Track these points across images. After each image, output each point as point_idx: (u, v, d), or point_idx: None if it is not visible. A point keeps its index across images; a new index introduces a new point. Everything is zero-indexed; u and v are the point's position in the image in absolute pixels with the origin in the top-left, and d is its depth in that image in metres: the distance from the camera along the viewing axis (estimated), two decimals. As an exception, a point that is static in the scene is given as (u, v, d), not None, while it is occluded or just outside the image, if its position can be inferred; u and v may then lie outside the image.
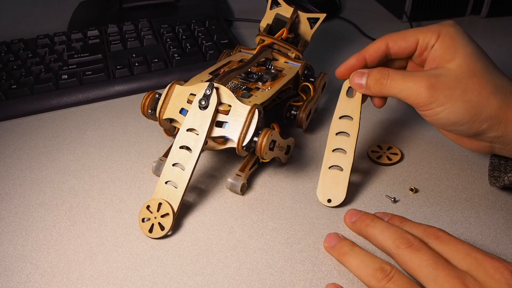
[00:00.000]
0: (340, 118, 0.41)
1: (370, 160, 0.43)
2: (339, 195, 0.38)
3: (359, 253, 0.33)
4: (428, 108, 0.36)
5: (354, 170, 0.42)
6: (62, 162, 0.45)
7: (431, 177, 0.41)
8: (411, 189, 0.40)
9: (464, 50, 0.35)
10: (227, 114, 0.37)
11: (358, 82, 0.39)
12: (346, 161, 0.39)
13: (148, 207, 0.37)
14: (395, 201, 0.39)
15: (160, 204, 0.37)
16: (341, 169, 0.39)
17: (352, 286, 0.32)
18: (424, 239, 0.32)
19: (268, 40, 0.48)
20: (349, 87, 0.41)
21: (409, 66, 0.41)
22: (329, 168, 0.39)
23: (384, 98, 0.41)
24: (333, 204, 0.38)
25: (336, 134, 0.40)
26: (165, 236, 0.36)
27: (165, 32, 0.63)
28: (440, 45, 0.37)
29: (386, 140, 0.46)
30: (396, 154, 0.44)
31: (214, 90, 0.37)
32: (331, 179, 0.39)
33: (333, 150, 0.40)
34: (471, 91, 0.34)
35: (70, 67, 0.56)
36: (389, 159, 0.43)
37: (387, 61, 0.41)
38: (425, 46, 0.38)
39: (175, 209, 0.37)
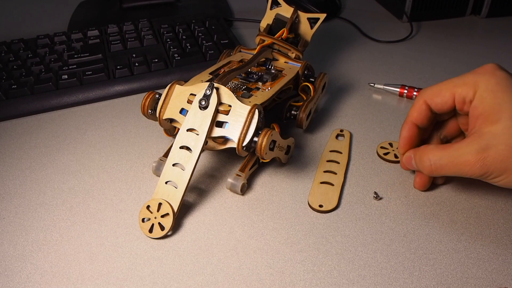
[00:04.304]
0: (330, 151, 0.44)
1: (377, 155, 0.44)
2: (331, 202, 0.39)
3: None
4: (484, 180, 0.33)
5: (355, 169, 0.43)
6: (62, 162, 0.45)
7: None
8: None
9: (510, 108, 0.31)
10: (227, 114, 0.37)
11: (410, 166, 0.38)
12: (337, 180, 0.41)
13: (148, 207, 0.37)
14: (378, 197, 0.39)
15: (160, 204, 0.37)
16: (332, 185, 0.40)
17: (353, 286, 0.32)
18: None
19: (268, 40, 0.48)
20: (337, 134, 0.46)
21: (461, 123, 0.39)
22: (320, 183, 0.40)
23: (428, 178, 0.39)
24: (324, 209, 0.38)
25: (327, 161, 0.43)
26: (165, 236, 0.36)
27: (165, 32, 0.63)
28: (480, 101, 0.33)
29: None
30: None
31: (214, 90, 0.37)
32: (323, 191, 0.40)
33: (324, 171, 0.42)
34: None
35: (70, 67, 0.56)
36: (396, 156, 0.43)
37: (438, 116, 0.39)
38: (462, 101, 0.34)
39: (175, 209, 0.37)
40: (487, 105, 0.32)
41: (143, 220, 0.37)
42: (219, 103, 0.37)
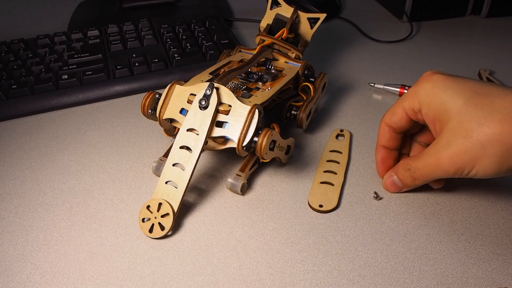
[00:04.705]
0: (330, 151, 0.44)
1: None
2: (331, 202, 0.39)
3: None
4: (462, 176, 0.34)
5: (355, 169, 0.43)
6: (62, 162, 0.45)
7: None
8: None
9: (455, 104, 0.33)
10: (227, 114, 0.37)
11: (393, 186, 0.39)
12: (337, 180, 0.41)
13: (148, 207, 0.37)
14: (378, 197, 0.39)
15: (160, 204, 0.37)
16: (332, 185, 0.40)
17: (353, 286, 0.32)
18: None
19: (268, 40, 0.48)
20: (338, 134, 0.46)
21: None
22: (320, 183, 0.40)
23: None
24: (324, 208, 0.38)
25: (327, 161, 0.43)
26: (165, 236, 0.36)
27: (165, 32, 0.63)
28: (427, 107, 0.34)
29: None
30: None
31: (214, 90, 0.37)
32: (323, 191, 0.40)
33: (324, 171, 0.42)
34: (489, 142, 0.31)
35: (70, 67, 0.56)
36: None
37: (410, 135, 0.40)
38: (413, 112, 0.36)
39: (175, 209, 0.37)
40: (434, 109, 0.34)
41: (143, 220, 0.37)
42: (219, 103, 0.37)
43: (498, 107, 0.31)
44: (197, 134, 0.37)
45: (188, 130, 0.38)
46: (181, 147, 0.38)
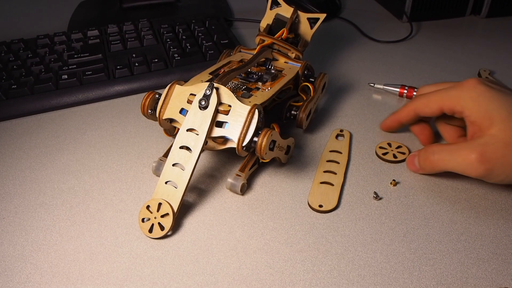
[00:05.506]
0: (330, 151, 0.44)
1: (376, 155, 0.44)
2: (331, 202, 0.39)
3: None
4: (488, 179, 0.35)
5: (355, 169, 0.43)
6: (62, 162, 0.45)
7: (431, 177, 0.41)
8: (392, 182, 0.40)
9: (499, 114, 0.35)
10: (227, 114, 0.37)
11: (412, 165, 0.41)
12: (337, 180, 0.41)
13: (148, 207, 0.37)
14: (378, 197, 0.39)
15: (160, 204, 0.37)
16: (332, 185, 0.40)
17: (352, 286, 0.32)
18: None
19: (268, 40, 0.48)
20: (337, 134, 0.47)
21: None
22: (320, 183, 0.40)
23: None
24: (324, 208, 0.38)
25: (327, 161, 0.43)
26: (165, 236, 0.36)
27: (165, 32, 0.63)
28: (469, 111, 0.36)
29: (398, 139, 0.46)
30: (403, 153, 0.44)
31: (214, 90, 0.37)
32: (323, 191, 0.40)
33: (324, 171, 0.42)
34: None
35: (70, 67, 0.56)
36: (395, 156, 0.43)
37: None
38: (451, 112, 0.38)
39: (175, 209, 0.37)
40: (478, 114, 0.36)
41: (143, 220, 0.37)
42: (219, 103, 0.37)
43: None
44: (197, 134, 0.37)
45: (188, 130, 0.38)
46: (181, 147, 0.38)
